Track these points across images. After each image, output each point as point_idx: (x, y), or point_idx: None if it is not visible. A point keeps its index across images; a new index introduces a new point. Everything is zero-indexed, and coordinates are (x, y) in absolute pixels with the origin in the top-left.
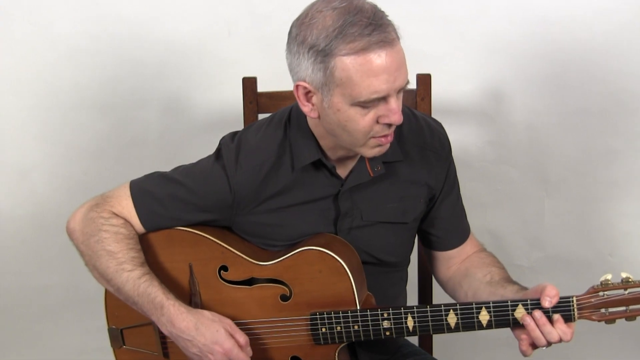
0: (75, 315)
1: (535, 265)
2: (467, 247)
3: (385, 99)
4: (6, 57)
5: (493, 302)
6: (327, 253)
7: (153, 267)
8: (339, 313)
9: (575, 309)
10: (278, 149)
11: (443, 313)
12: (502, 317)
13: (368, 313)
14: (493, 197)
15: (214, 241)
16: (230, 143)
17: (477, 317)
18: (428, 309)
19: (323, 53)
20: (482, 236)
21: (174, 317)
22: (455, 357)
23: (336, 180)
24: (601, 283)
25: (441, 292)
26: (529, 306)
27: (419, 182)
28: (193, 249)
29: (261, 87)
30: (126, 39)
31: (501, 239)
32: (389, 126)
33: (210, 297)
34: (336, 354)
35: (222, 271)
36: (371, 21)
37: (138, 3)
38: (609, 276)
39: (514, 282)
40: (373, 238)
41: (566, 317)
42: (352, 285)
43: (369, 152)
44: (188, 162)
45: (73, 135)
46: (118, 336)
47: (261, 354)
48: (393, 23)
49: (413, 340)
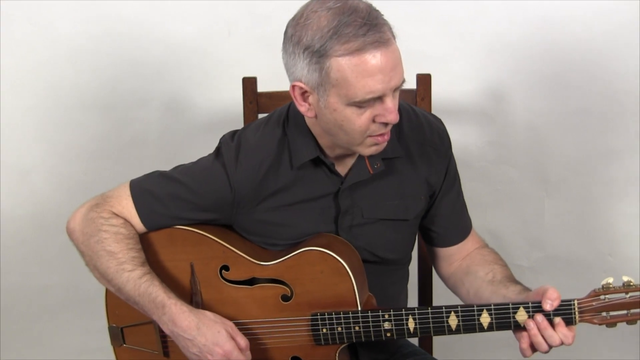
0: (75, 315)
1: (535, 265)
2: (469, 244)
3: (381, 99)
4: (6, 57)
5: (494, 305)
6: (329, 254)
7: (154, 267)
8: (340, 314)
9: (576, 312)
10: (277, 147)
11: (444, 315)
12: (503, 320)
13: (369, 314)
14: (493, 197)
15: (216, 241)
16: (230, 142)
17: (478, 320)
18: (429, 311)
19: (318, 54)
20: (482, 236)
21: (176, 316)
22: (455, 357)
23: (336, 178)
24: (602, 286)
25: (441, 292)
26: (530, 309)
27: (419, 179)
28: (194, 248)
29: (261, 87)
30: (126, 39)
31: (501, 239)
32: (386, 125)
33: (211, 297)
34: (337, 355)
35: (224, 271)
36: (366, 21)
37: (138, 3)
38: (610, 280)
39: (517, 282)
40: (374, 235)
41: (567, 320)
42: (354, 286)
43: (366, 151)
44: (188, 162)
45: (73, 135)
46: (118, 334)
47: (262, 354)
48: (388, 22)
49: (413, 340)
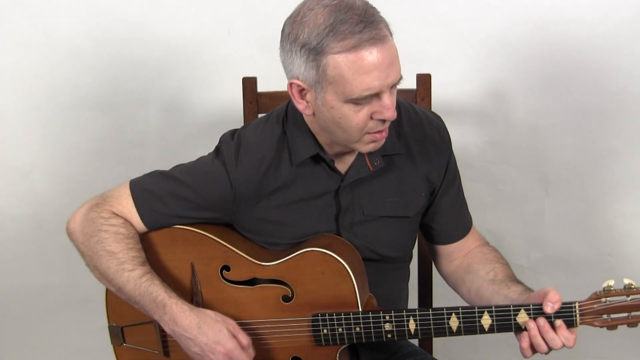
0: (75, 315)
1: (535, 265)
2: (470, 241)
3: (378, 96)
4: (6, 57)
5: (495, 307)
6: (330, 254)
7: (155, 267)
8: (341, 314)
9: (577, 315)
10: (277, 145)
11: (445, 316)
12: (504, 322)
13: (370, 315)
14: (493, 197)
15: (217, 241)
16: (229, 140)
17: (479, 321)
18: (430, 312)
19: (315, 51)
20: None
21: (177, 315)
22: (455, 357)
23: (336, 175)
24: (603, 289)
25: (442, 291)
26: (531, 311)
27: (420, 176)
28: (195, 248)
29: (261, 87)
30: (126, 39)
31: (501, 239)
32: (383, 122)
33: (211, 297)
34: (337, 355)
35: (224, 271)
36: (362, 18)
37: (138, 3)
38: (612, 282)
39: (518, 282)
40: (375, 233)
41: (568, 323)
42: (354, 286)
43: (364, 148)
44: (188, 162)
45: (73, 135)
46: (118, 334)
47: (262, 354)
48: (385, 19)
49: (413, 340)
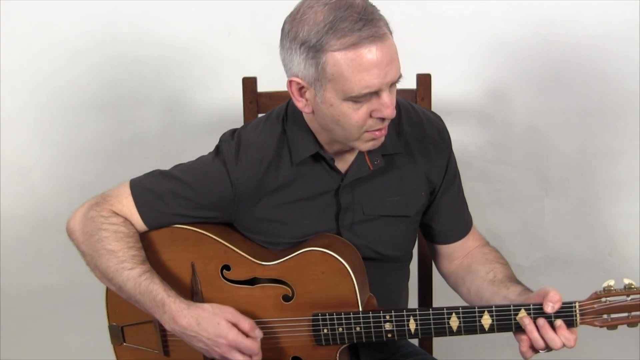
0: (75, 315)
1: (535, 265)
2: (470, 241)
3: (377, 94)
4: (6, 57)
5: (495, 306)
6: (330, 254)
7: (155, 266)
8: (341, 314)
9: (577, 315)
10: (277, 144)
11: (445, 316)
12: (505, 322)
13: (370, 315)
14: (493, 197)
15: (217, 240)
16: (229, 139)
17: (480, 321)
18: (430, 312)
19: (314, 49)
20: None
21: (175, 315)
22: (455, 357)
23: (336, 174)
24: (604, 289)
25: (442, 291)
26: (532, 311)
27: (420, 175)
28: (196, 248)
29: (261, 87)
30: (126, 39)
31: (501, 239)
32: (382, 120)
33: (212, 296)
34: (337, 355)
35: (225, 270)
36: (361, 16)
37: (138, 3)
38: (612, 282)
39: (518, 282)
40: (375, 232)
41: (568, 323)
42: (355, 286)
43: (364, 146)
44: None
45: (73, 135)
46: (119, 333)
47: (262, 354)
48: (385, 18)
49: (413, 340)
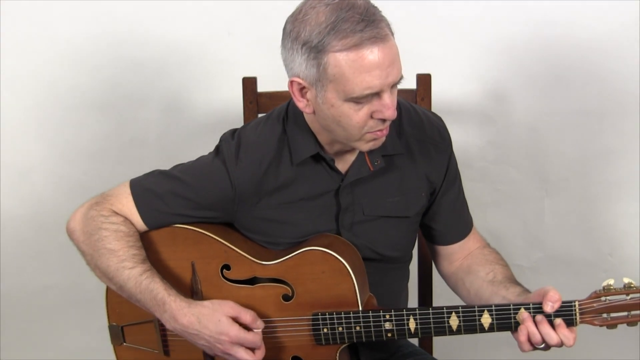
0: (75, 315)
1: (535, 265)
2: (470, 242)
3: (378, 95)
4: (6, 57)
5: (495, 306)
6: (330, 254)
7: (155, 266)
8: (341, 314)
9: (577, 314)
10: (277, 144)
11: (445, 315)
12: (504, 321)
13: (370, 314)
14: (493, 197)
15: (217, 240)
16: (230, 139)
17: (479, 320)
18: (430, 311)
19: (316, 49)
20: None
21: (176, 314)
22: (455, 357)
23: (336, 175)
24: (603, 288)
25: (441, 292)
26: (531, 310)
27: (420, 176)
28: (196, 247)
29: (261, 87)
30: (126, 39)
31: (501, 239)
32: (383, 121)
33: (212, 296)
34: (337, 354)
35: (225, 270)
36: (363, 17)
37: (138, 3)
38: (611, 281)
39: (517, 283)
40: (375, 233)
41: (568, 322)
42: (355, 286)
43: (365, 147)
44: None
45: (73, 135)
46: (119, 333)
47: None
48: (386, 19)
49: (413, 340)
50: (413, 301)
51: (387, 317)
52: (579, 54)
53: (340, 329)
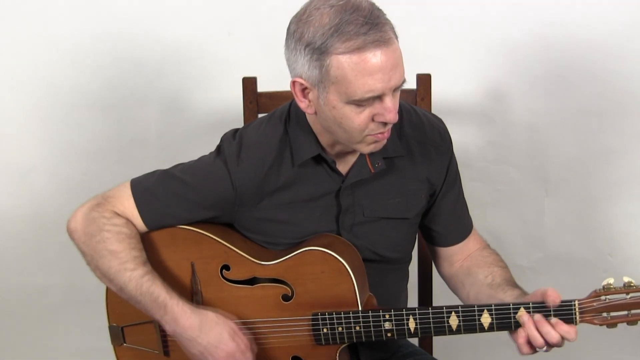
0: (75, 315)
1: (535, 265)
2: (470, 244)
3: (380, 98)
4: (6, 57)
5: (495, 305)
6: (330, 254)
7: (155, 266)
8: (341, 314)
9: (577, 313)
10: (279, 145)
11: (445, 315)
12: (504, 320)
13: (370, 314)
14: (493, 197)
15: (217, 240)
16: (231, 139)
17: (479, 320)
18: (430, 311)
19: (319, 51)
20: (482, 236)
21: (178, 316)
22: (455, 357)
23: (337, 176)
24: (603, 287)
25: (441, 293)
26: (531, 309)
27: (420, 177)
28: (196, 248)
29: (261, 87)
30: (126, 39)
31: (501, 239)
32: (384, 124)
33: (212, 296)
34: (337, 354)
35: (224, 270)
36: (367, 20)
37: (138, 3)
38: (611, 280)
39: (515, 286)
40: (375, 234)
41: (568, 321)
42: (354, 286)
43: (366, 149)
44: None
45: (73, 135)
46: (119, 334)
47: (262, 354)
48: (390, 22)
49: (413, 340)
50: (413, 302)
51: (387, 317)
52: (579, 54)
53: (340, 329)
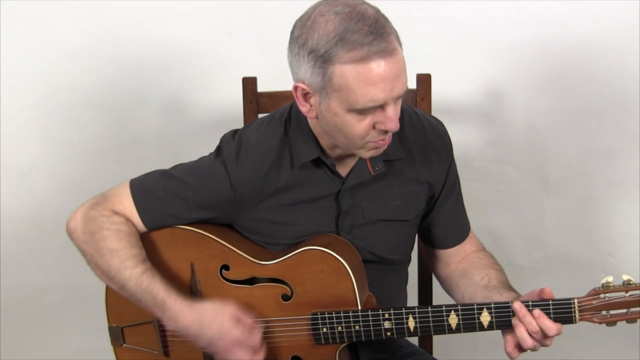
0: (75, 315)
1: (535, 265)
2: (467, 246)
3: (382, 107)
4: (6, 57)
5: (494, 304)
6: (329, 253)
7: (155, 266)
8: (340, 313)
9: (576, 311)
10: (279, 146)
11: (444, 314)
12: (504, 319)
13: (369, 313)
14: (493, 197)
15: (216, 240)
16: (231, 140)
17: (479, 318)
18: (429, 310)
19: (322, 59)
20: (482, 236)
21: (177, 314)
22: (455, 357)
23: (337, 178)
24: (602, 285)
25: (441, 293)
26: (531, 307)
27: (420, 180)
28: (195, 248)
29: (261, 87)
30: (126, 39)
31: (501, 239)
32: (385, 132)
33: (211, 296)
34: (337, 354)
35: (224, 270)
36: (372, 30)
37: (138, 3)
38: (610, 278)
39: (511, 289)
40: (374, 236)
41: (567, 319)
42: (354, 285)
43: (366, 154)
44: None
45: (73, 135)
46: (118, 334)
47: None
48: (395, 30)
49: (413, 339)
50: (413, 303)
51: (387, 316)
52: (579, 54)
53: (339, 329)
